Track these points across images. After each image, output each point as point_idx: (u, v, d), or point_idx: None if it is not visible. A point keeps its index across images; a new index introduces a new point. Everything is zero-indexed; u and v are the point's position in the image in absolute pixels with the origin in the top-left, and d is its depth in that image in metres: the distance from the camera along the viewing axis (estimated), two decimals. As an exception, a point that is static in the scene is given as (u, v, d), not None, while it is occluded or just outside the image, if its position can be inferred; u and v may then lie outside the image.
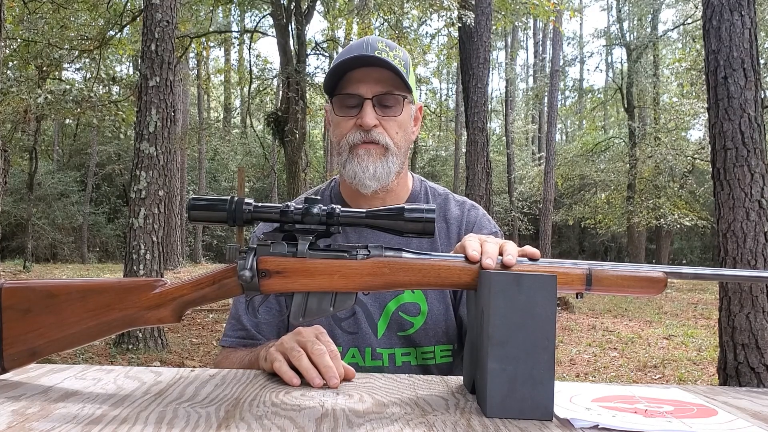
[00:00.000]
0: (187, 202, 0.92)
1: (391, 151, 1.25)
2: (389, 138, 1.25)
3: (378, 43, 1.25)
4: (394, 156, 1.25)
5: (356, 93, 1.24)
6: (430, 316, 1.26)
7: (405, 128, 1.28)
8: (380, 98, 1.23)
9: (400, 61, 1.25)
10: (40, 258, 18.47)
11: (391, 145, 1.25)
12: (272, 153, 19.42)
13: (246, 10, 17.26)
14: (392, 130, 1.25)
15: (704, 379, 5.56)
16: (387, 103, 1.24)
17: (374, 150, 1.24)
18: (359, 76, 1.23)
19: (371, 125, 1.23)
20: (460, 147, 21.44)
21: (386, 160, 1.25)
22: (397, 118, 1.25)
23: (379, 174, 1.24)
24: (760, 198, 3.83)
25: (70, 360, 5.21)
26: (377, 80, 1.23)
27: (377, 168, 1.24)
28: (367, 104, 1.23)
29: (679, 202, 17.94)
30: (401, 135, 1.27)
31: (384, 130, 1.25)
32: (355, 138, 1.24)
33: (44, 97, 9.80)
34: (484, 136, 8.42)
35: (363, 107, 1.23)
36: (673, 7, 21.08)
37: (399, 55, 1.26)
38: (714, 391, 1.02)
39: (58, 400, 0.84)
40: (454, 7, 8.58)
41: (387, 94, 1.23)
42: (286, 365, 0.98)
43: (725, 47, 3.94)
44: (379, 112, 1.24)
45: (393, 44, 1.27)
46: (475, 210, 1.37)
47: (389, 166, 1.25)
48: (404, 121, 1.27)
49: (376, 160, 1.24)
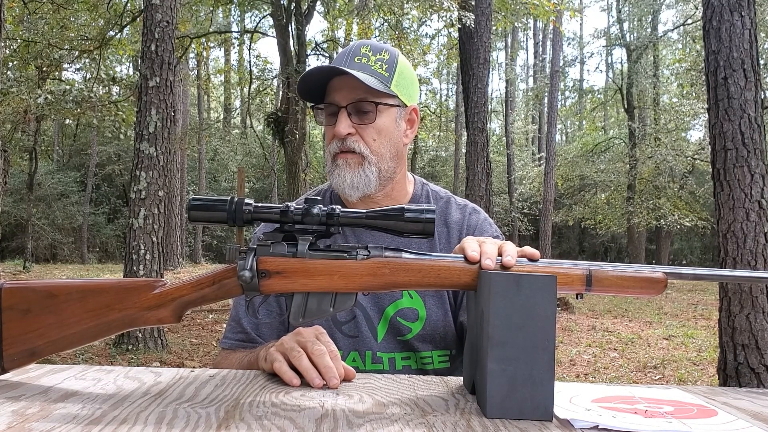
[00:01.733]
0: (187, 202, 0.92)
1: (368, 160, 1.23)
2: (365, 146, 1.23)
3: (362, 47, 1.25)
4: (372, 164, 1.24)
5: (332, 102, 1.24)
6: (428, 322, 1.26)
7: (386, 134, 1.26)
8: (355, 105, 1.22)
9: (383, 65, 1.23)
10: (40, 258, 18.48)
11: (367, 153, 1.23)
12: (272, 153, 19.42)
13: (246, 11, 17.26)
14: (369, 137, 1.24)
15: (704, 380, 5.55)
16: (363, 110, 1.23)
17: (351, 159, 1.23)
18: (336, 84, 1.23)
19: (343, 134, 1.22)
20: (460, 147, 21.44)
21: (363, 169, 1.23)
22: (374, 125, 1.24)
23: (357, 183, 1.23)
24: (760, 198, 3.83)
25: (69, 360, 5.21)
26: (352, 88, 1.22)
27: (354, 177, 1.23)
28: (342, 113, 1.22)
29: (679, 202, 17.94)
30: (381, 142, 1.25)
31: (360, 137, 1.23)
32: (333, 148, 1.24)
33: (44, 97, 9.81)
34: (484, 136, 8.42)
35: (338, 116, 1.23)
36: (673, 7, 21.11)
37: (384, 58, 1.24)
38: (714, 392, 1.02)
39: (58, 400, 0.84)
40: (454, 7, 8.58)
41: (361, 101, 1.22)
42: (286, 365, 0.98)
43: (725, 48, 3.94)
44: (355, 120, 1.23)
45: (380, 47, 1.26)
46: (476, 214, 1.36)
47: (367, 175, 1.24)
48: (384, 127, 1.25)
49: (353, 170, 1.23)
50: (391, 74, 1.25)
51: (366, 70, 1.22)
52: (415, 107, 1.33)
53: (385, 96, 1.24)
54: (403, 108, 1.29)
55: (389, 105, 1.25)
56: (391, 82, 1.24)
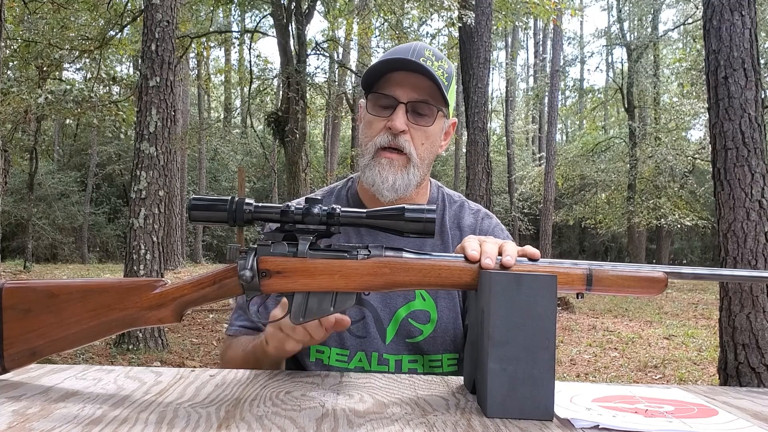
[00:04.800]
0: (188, 202, 0.92)
1: (413, 162, 1.23)
2: (413, 147, 1.22)
3: (425, 50, 1.23)
4: (415, 168, 1.23)
5: (392, 95, 1.22)
6: (439, 324, 1.25)
7: (433, 140, 1.26)
8: (414, 105, 1.21)
9: (444, 73, 1.23)
10: (41, 258, 18.47)
11: (414, 155, 1.22)
12: (272, 153, 19.41)
13: (246, 11, 17.25)
14: (419, 139, 1.23)
15: (705, 379, 5.56)
16: (420, 111, 1.22)
17: (397, 161, 1.22)
18: (398, 78, 1.21)
19: (399, 129, 1.20)
20: (460, 147, 21.43)
21: (407, 171, 1.22)
22: (428, 129, 1.23)
23: (398, 186, 1.22)
24: (760, 198, 3.83)
25: (70, 360, 5.21)
26: (415, 86, 1.21)
27: (397, 179, 1.22)
28: (400, 108, 1.21)
29: (680, 202, 17.92)
30: (427, 146, 1.25)
31: (411, 138, 1.22)
32: (382, 140, 1.22)
33: (45, 97, 9.81)
34: (485, 136, 8.42)
35: (395, 110, 1.21)
36: (674, 7, 21.09)
37: (444, 66, 1.24)
38: (714, 391, 1.02)
39: (58, 400, 0.84)
40: (454, 7, 8.58)
41: (422, 102, 1.21)
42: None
43: (726, 47, 3.94)
44: (411, 119, 1.22)
45: (440, 55, 1.25)
46: (488, 219, 1.36)
47: (409, 178, 1.23)
48: (433, 133, 1.25)
49: (396, 172, 1.22)
50: (449, 84, 1.25)
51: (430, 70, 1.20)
52: (455, 122, 1.34)
53: (443, 103, 1.24)
54: (447, 119, 1.29)
55: (443, 113, 1.25)
56: (448, 92, 1.24)
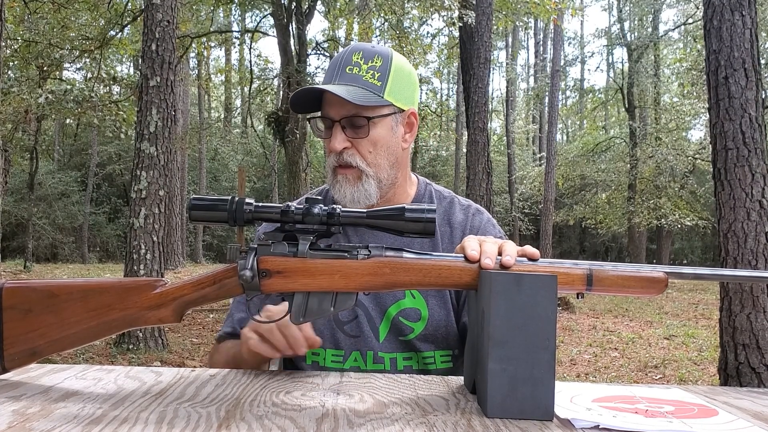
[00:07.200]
0: (188, 202, 0.92)
1: (366, 173, 1.22)
2: (361, 159, 1.22)
3: (354, 54, 1.22)
4: (370, 177, 1.23)
5: (328, 116, 1.22)
6: (430, 322, 1.25)
7: (382, 144, 1.24)
8: (348, 120, 1.21)
9: (374, 73, 1.21)
10: (41, 258, 18.49)
11: (363, 166, 1.22)
12: (273, 153, 19.42)
13: (247, 10, 17.26)
14: (364, 150, 1.22)
15: (705, 380, 5.55)
16: (357, 124, 1.21)
17: (349, 174, 1.22)
18: (328, 97, 1.21)
19: (339, 149, 1.20)
20: (460, 147, 21.44)
21: (362, 183, 1.22)
22: (368, 138, 1.22)
23: (357, 198, 1.22)
24: (760, 198, 3.83)
25: (70, 360, 5.21)
26: (343, 103, 1.19)
27: (354, 193, 1.22)
28: (336, 128, 1.21)
29: (680, 202, 17.92)
30: (377, 153, 1.23)
31: (356, 151, 1.22)
32: (332, 161, 1.23)
33: (45, 97, 9.81)
34: (485, 136, 8.41)
35: (333, 130, 1.21)
36: (674, 7, 21.06)
37: (376, 65, 1.22)
38: (715, 392, 1.02)
39: (58, 400, 0.84)
40: (454, 6, 8.58)
41: (353, 117, 1.20)
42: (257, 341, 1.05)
43: (726, 47, 3.93)
44: (350, 134, 1.21)
45: (373, 52, 1.23)
46: (479, 215, 1.35)
47: (366, 189, 1.22)
48: (379, 138, 1.23)
49: (352, 186, 1.22)
50: (384, 82, 1.22)
51: (357, 82, 1.19)
52: (414, 110, 1.30)
53: (377, 108, 1.21)
54: (400, 113, 1.26)
55: (383, 115, 1.22)
56: (384, 90, 1.21)
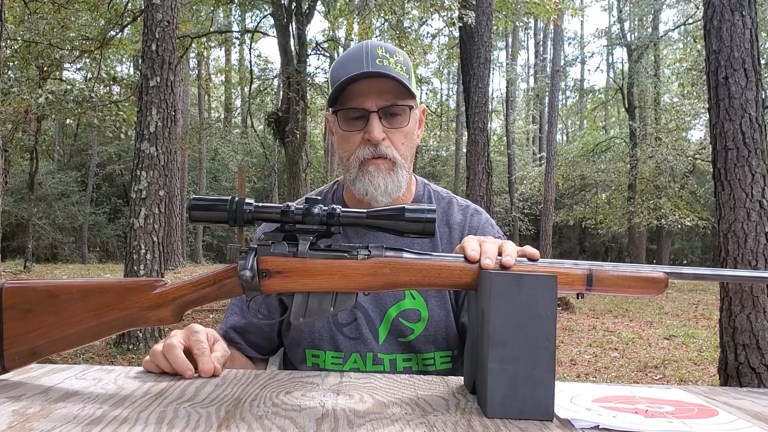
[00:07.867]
0: (188, 202, 0.92)
1: (399, 164, 1.23)
2: (396, 151, 1.23)
3: (377, 49, 1.22)
4: (401, 168, 1.23)
5: (361, 107, 1.21)
6: (430, 323, 1.25)
7: (410, 137, 1.26)
8: (386, 110, 1.21)
9: (402, 67, 1.22)
10: (41, 258, 18.48)
11: (398, 158, 1.23)
12: (273, 153, 19.43)
13: (247, 10, 17.25)
14: (398, 141, 1.23)
15: (705, 380, 5.55)
16: (393, 113, 1.22)
17: (383, 165, 1.22)
18: (362, 88, 1.20)
19: (379, 139, 1.20)
20: (460, 147, 21.44)
21: (395, 173, 1.23)
22: (404, 129, 1.23)
23: (391, 189, 1.23)
24: (761, 198, 3.83)
25: (70, 360, 5.21)
26: (381, 92, 1.20)
27: (388, 183, 1.22)
28: (374, 118, 1.20)
29: (680, 202, 17.92)
30: (407, 145, 1.25)
31: (391, 143, 1.22)
32: (365, 153, 1.22)
33: (45, 97, 9.81)
34: (485, 136, 8.41)
35: (369, 121, 1.20)
36: (674, 7, 21.07)
37: (399, 60, 1.23)
38: (715, 392, 1.02)
39: (58, 400, 0.84)
40: (454, 6, 8.58)
41: (392, 106, 1.21)
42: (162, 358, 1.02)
43: (726, 47, 3.93)
44: (386, 125, 1.21)
45: (392, 48, 1.24)
46: (478, 215, 1.36)
47: (399, 180, 1.23)
48: (410, 131, 1.25)
49: (386, 176, 1.22)
50: (410, 74, 1.24)
51: (391, 73, 1.19)
52: (423, 107, 1.33)
53: (411, 98, 1.23)
54: (416, 109, 1.28)
55: (413, 107, 1.24)
56: (411, 83, 1.23)
